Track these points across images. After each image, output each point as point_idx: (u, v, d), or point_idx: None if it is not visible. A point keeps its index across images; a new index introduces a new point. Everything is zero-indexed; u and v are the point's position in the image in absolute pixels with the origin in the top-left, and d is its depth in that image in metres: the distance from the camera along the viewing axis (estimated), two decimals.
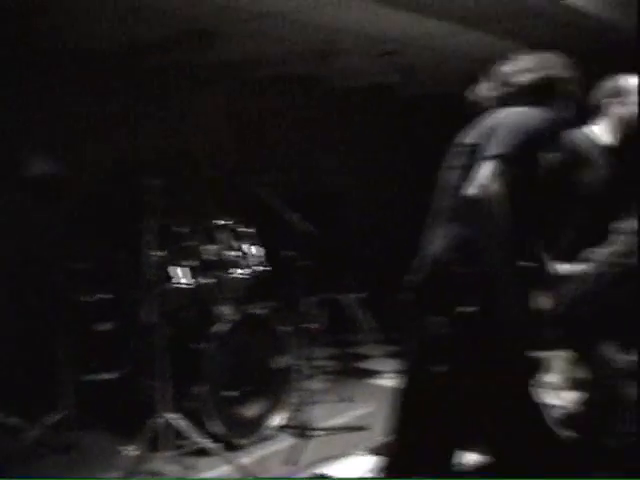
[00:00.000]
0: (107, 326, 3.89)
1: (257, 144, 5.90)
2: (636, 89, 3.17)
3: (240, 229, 4.33)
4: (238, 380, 3.98)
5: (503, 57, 2.61)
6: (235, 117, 5.83)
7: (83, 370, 3.91)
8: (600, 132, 3.22)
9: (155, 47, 4.91)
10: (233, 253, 4.24)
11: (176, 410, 3.64)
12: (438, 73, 6.42)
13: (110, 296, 3.93)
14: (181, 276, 4.03)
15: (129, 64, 5.15)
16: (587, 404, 4.53)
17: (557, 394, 4.94)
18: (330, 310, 5.55)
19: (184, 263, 4.06)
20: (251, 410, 4.07)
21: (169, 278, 3.97)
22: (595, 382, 3.33)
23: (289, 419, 4.21)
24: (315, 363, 4.77)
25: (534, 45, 5.44)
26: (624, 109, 3.16)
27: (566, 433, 4.15)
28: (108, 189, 4.46)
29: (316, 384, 4.78)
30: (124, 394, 4.05)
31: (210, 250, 4.19)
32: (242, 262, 4.26)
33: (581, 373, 5.17)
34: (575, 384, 5.07)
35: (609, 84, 3.26)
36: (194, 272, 4.10)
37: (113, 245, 4.07)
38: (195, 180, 4.28)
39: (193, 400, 3.80)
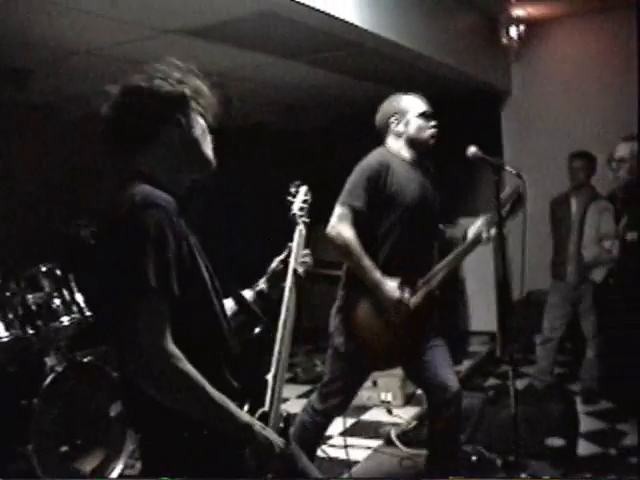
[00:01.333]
0: None
1: (76, 184, 5.68)
2: (413, 107, 3.47)
3: (62, 274, 4.14)
4: (70, 433, 3.79)
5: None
6: (51, 157, 5.58)
7: None
8: (396, 148, 3.47)
9: None
10: (57, 300, 4.06)
11: (3, 474, 3.42)
12: (255, 104, 6.52)
13: None
14: (2, 329, 3.80)
15: None
16: (420, 418, 4.75)
17: (390, 411, 5.14)
18: None
19: (5, 315, 3.83)
20: (88, 463, 3.89)
21: None
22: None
23: (130, 467, 4.06)
24: None
25: (352, 75, 5.78)
26: (403, 127, 3.44)
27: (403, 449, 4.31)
28: None
29: None
30: None
31: (33, 299, 3.99)
32: (67, 309, 4.08)
33: (411, 388, 5.40)
34: (407, 399, 5.30)
35: (388, 105, 3.54)
36: (16, 323, 3.88)
37: None
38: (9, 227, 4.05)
39: (23, 460, 3.58)
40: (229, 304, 2.11)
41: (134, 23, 3.90)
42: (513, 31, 6.45)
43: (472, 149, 3.34)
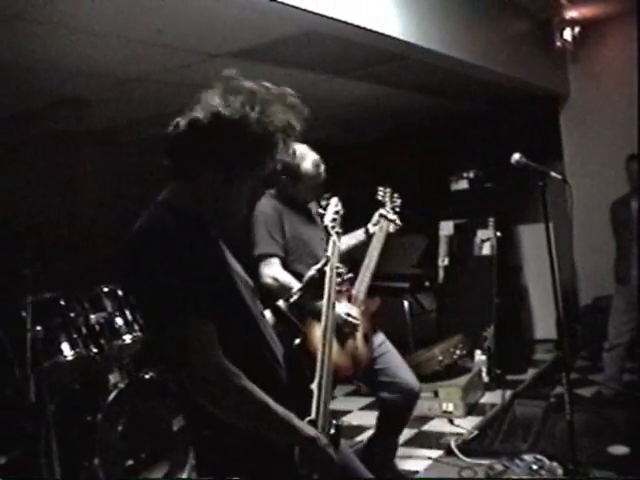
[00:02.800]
0: None
1: (134, 205, 5.84)
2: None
3: (125, 294, 4.28)
4: (135, 447, 3.91)
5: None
6: (110, 181, 5.78)
7: None
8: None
9: (25, 117, 4.86)
10: (119, 319, 4.20)
11: None
12: (308, 122, 6.59)
13: None
14: (66, 349, 3.96)
15: None
16: (482, 428, 4.72)
17: (452, 421, 5.10)
18: None
19: (69, 335, 3.99)
20: (153, 476, 4.00)
21: (54, 352, 3.89)
22: None
23: None
24: None
25: (403, 88, 5.81)
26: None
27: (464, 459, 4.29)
28: None
29: None
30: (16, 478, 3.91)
31: (96, 318, 4.14)
32: (129, 327, 4.22)
33: (473, 399, 5.35)
34: (469, 410, 5.25)
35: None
36: (81, 342, 4.03)
37: None
38: (73, 248, 4.21)
39: (90, 475, 3.71)
40: (267, 315, 2.13)
41: (182, 49, 4.03)
42: (567, 33, 6.38)
43: (516, 156, 3.34)
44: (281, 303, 2.25)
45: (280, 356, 1.94)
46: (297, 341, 2.00)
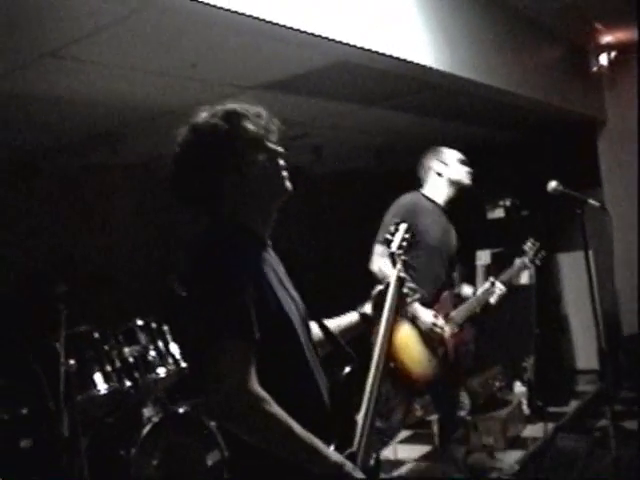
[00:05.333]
0: (27, 442, 3.76)
1: (169, 240, 5.88)
2: (451, 159, 4.15)
3: (157, 327, 4.29)
4: None
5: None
6: (145, 214, 5.81)
7: None
8: (430, 194, 4.11)
9: (61, 151, 4.92)
10: (153, 353, 4.19)
11: None
12: (344, 151, 6.62)
13: (26, 411, 3.81)
14: (100, 382, 3.96)
15: (33, 169, 5.11)
16: (524, 462, 4.60)
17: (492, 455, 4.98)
18: None
19: (103, 368, 3.99)
20: None
21: (88, 385, 3.89)
22: None
23: None
24: None
25: (435, 116, 5.78)
26: (438, 177, 4.10)
27: None
28: (15, 298, 4.36)
29: None
30: None
31: (130, 352, 4.14)
32: (163, 361, 4.21)
33: (514, 432, 5.22)
34: (509, 443, 5.13)
35: (428, 156, 4.26)
36: (114, 376, 4.03)
37: (25, 357, 3.97)
38: (107, 282, 4.23)
39: None
40: (315, 330, 2.09)
41: (217, 82, 4.05)
42: (603, 58, 6.31)
43: (552, 184, 3.30)
44: (353, 314, 2.23)
45: (324, 385, 1.91)
46: (347, 370, 1.96)
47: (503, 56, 5.01)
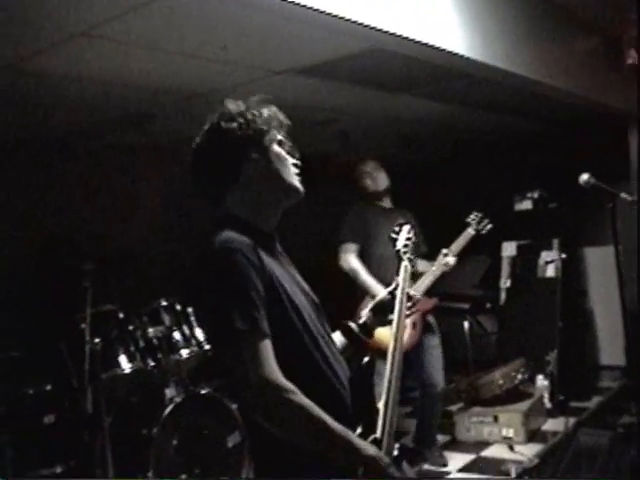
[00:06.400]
0: (50, 418, 3.81)
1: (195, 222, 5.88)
2: None
3: (183, 308, 4.31)
4: (189, 462, 3.91)
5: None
6: (174, 197, 5.83)
7: (27, 466, 3.79)
8: None
9: (92, 132, 4.95)
10: (177, 334, 4.22)
11: None
12: (373, 138, 6.57)
13: (50, 387, 3.86)
14: (124, 362, 3.99)
15: (63, 149, 5.14)
16: (544, 456, 4.56)
17: (512, 448, 4.96)
18: None
19: (127, 348, 4.02)
20: None
21: (112, 364, 3.93)
22: None
23: None
24: None
25: (466, 105, 5.73)
26: None
27: None
28: (43, 275, 4.40)
29: None
30: None
31: (154, 332, 4.17)
32: (186, 342, 4.24)
33: (535, 425, 5.20)
34: (530, 436, 5.10)
35: None
36: (138, 356, 4.06)
37: (50, 334, 4.01)
38: (133, 262, 4.25)
39: None
40: (338, 337, 2.13)
41: (246, 66, 4.04)
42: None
43: (584, 176, 3.25)
44: (352, 324, 2.23)
45: (344, 375, 1.91)
46: (365, 359, 1.98)
47: (536, 46, 4.93)
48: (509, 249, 6.81)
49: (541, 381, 5.80)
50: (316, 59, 4.12)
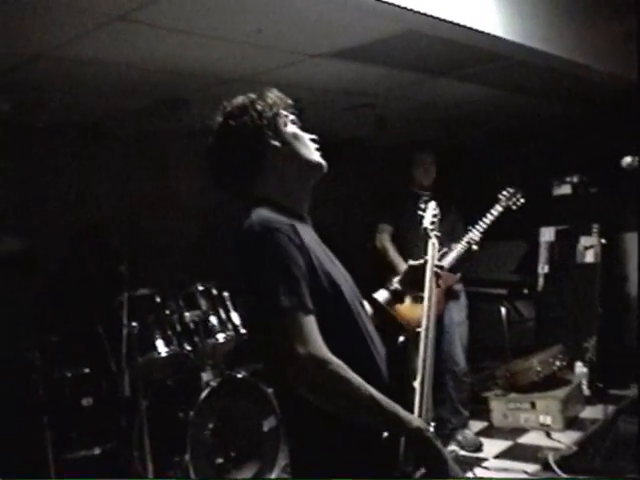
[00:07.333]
0: (88, 401, 3.86)
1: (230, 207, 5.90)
2: None
3: (219, 293, 4.33)
4: (225, 445, 3.94)
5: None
6: (208, 180, 5.86)
7: (66, 448, 3.86)
8: None
9: (127, 117, 4.98)
10: (213, 318, 4.24)
11: None
12: (410, 122, 6.50)
13: (88, 370, 3.92)
14: (161, 345, 4.03)
15: (99, 134, 5.18)
16: (582, 444, 4.51)
17: (549, 435, 4.91)
18: None
19: (163, 332, 4.06)
20: (242, 475, 4.02)
21: (149, 348, 3.97)
22: None
23: None
24: None
25: (505, 89, 5.64)
26: None
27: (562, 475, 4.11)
28: (80, 261, 4.45)
29: None
30: (109, 470, 4.00)
31: (191, 316, 4.20)
32: (223, 326, 4.26)
33: (573, 412, 5.13)
34: (568, 423, 5.04)
35: None
36: (175, 340, 4.09)
37: (89, 317, 4.07)
38: (170, 246, 4.28)
39: (180, 470, 3.76)
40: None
41: (282, 49, 4.02)
42: None
43: (627, 159, 3.19)
44: (382, 292, 2.25)
45: (381, 352, 1.92)
46: (401, 339, 2.00)
47: (576, 27, 4.83)
48: (547, 234, 6.71)
49: (580, 368, 5.73)
50: (351, 42, 4.07)
